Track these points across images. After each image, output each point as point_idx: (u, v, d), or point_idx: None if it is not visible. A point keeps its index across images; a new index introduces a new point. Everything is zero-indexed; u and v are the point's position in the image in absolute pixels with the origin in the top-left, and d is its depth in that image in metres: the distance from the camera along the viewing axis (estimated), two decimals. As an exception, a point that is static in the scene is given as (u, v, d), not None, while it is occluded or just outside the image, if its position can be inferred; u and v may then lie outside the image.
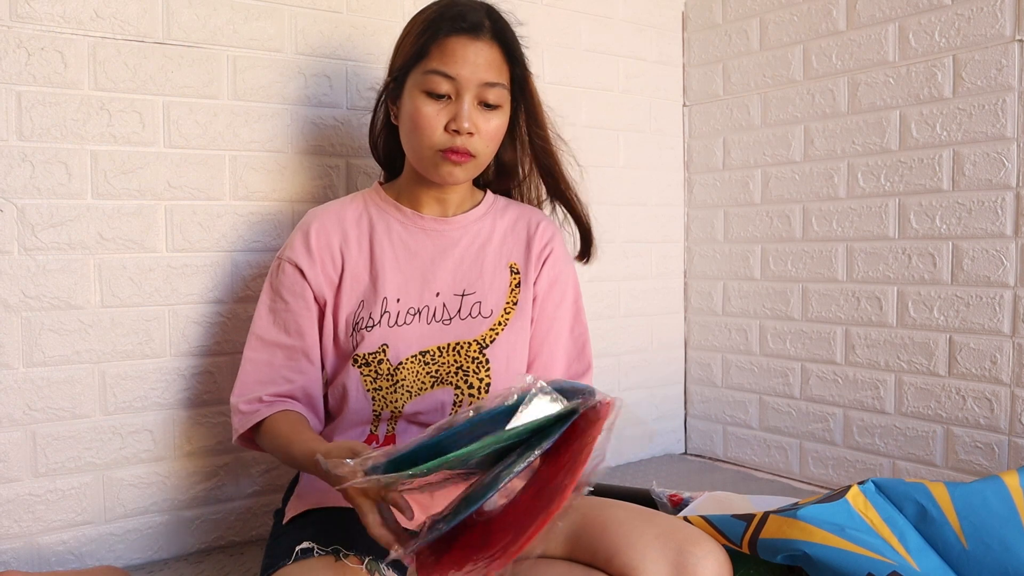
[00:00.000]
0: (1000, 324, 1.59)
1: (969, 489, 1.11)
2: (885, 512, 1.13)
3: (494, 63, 1.14)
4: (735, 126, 2.09)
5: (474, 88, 1.12)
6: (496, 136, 1.17)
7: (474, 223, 1.25)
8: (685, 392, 2.26)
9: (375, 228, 1.22)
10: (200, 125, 1.46)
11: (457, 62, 1.11)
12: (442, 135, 1.13)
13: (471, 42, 1.12)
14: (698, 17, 2.17)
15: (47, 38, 1.32)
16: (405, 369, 1.17)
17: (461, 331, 1.19)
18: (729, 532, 1.14)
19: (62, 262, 1.35)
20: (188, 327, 1.47)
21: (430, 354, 1.18)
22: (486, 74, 1.12)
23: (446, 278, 1.20)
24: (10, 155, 1.31)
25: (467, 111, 1.11)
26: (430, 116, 1.12)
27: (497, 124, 1.16)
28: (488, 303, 1.20)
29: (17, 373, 1.33)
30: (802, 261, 1.94)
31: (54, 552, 1.37)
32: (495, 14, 1.17)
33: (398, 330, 1.17)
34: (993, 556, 1.07)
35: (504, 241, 1.25)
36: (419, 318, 1.18)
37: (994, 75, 1.58)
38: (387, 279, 1.19)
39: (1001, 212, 1.58)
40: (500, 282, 1.22)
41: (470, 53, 1.12)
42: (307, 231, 1.21)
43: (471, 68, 1.11)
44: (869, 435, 1.82)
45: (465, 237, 1.23)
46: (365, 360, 1.17)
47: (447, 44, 1.12)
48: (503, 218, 1.27)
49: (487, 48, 1.13)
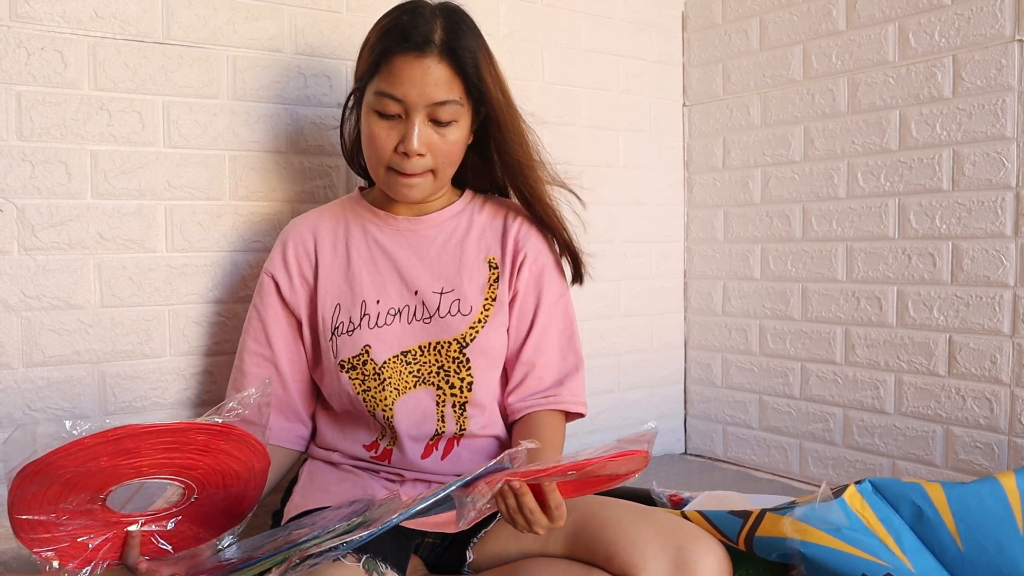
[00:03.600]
0: (1000, 324, 1.59)
1: (965, 490, 1.11)
2: (881, 512, 1.13)
3: (443, 80, 1.09)
4: (735, 126, 2.09)
5: (423, 109, 1.10)
6: (452, 150, 1.14)
7: (450, 220, 1.23)
8: (685, 392, 2.26)
9: (351, 232, 1.23)
10: (200, 125, 1.46)
11: (404, 83, 1.08)
12: (392, 156, 1.12)
13: (418, 61, 1.08)
14: (698, 17, 2.17)
15: (47, 38, 1.33)
16: (389, 368, 1.17)
17: (441, 329, 1.18)
18: (726, 529, 1.14)
19: (62, 262, 1.36)
20: (188, 327, 1.47)
21: (411, 354, 1.18)
22: (434, 93, 1.09)
23: (424, 276, 1.20)
24: (10, 155, 1.31)
25: (416, 132, 1.09)
26: (381, 136, 1.11)
27: (454, 139, 1.13)
28: (467, 300, 1.19)
29: (17, 373, 1.33)
30: (802, 261, 1.94)
31: (54, 552, 1.37)
32: (449, 22, 1.11)
33: (379, 331, 1.17)
34: (988, 558, 1.07)
35: (483, 235, 1.23)
36: (399, 318, 1.18)
37: (994, 75, 1.58)
38: (364, 281, 1.19)
39: (1001, 212, 1.58)
40: (479, 277, 1.20)
41: (416, 73, 1.08)
42: (284, 244, 1.24)
43: (418, 89, 1.08)
44: (869, 435, 1.82)
45: (441, 235, 1.22)
46: (351, 364, 1.17)
47: (393, 64, 1.09)
48: (481, 213, 1.26)
49: (435, 65, 1.08)
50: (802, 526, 1.08)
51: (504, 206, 1.28)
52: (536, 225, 1.25)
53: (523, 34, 1.88)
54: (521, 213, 1.26)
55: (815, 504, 1.11)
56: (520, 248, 1.22)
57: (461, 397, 1.18)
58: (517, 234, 1.23)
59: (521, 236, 1.23)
